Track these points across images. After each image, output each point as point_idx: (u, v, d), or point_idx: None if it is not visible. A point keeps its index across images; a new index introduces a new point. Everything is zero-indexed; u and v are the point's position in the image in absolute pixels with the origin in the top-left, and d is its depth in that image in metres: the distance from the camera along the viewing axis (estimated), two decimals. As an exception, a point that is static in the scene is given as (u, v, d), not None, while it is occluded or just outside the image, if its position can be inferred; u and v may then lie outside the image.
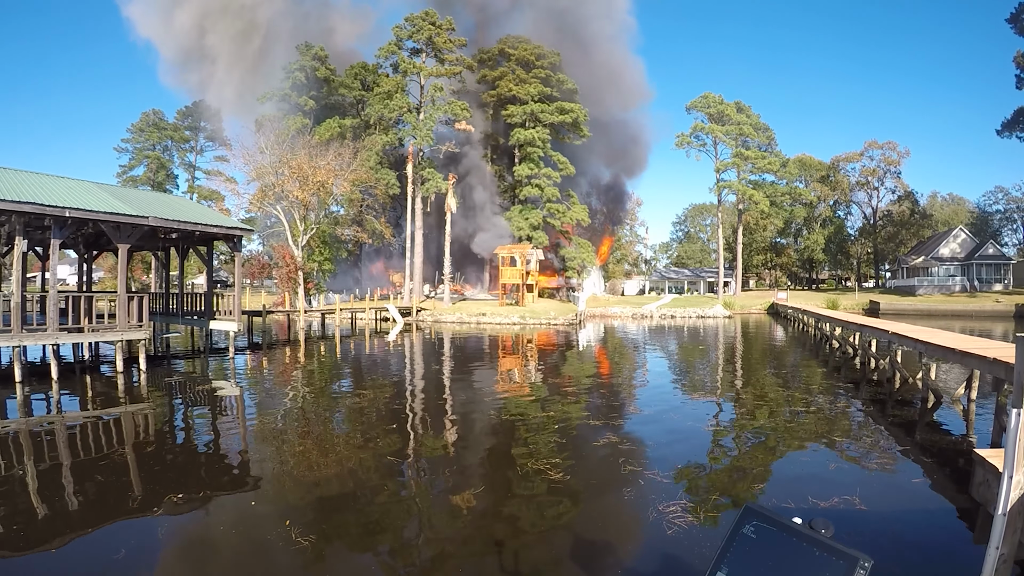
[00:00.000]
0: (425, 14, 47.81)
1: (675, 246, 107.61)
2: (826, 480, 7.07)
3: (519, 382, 15.45)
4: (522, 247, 46.57)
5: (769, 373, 17.26)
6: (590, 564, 5.03)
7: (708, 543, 5.25)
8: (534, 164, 50.12)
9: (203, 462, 8.15)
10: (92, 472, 7.33)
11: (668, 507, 6.09)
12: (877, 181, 72.60)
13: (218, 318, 20.61)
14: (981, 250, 61.26)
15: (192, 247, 22.62)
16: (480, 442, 9.16)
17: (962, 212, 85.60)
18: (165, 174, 66.68)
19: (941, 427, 10.00)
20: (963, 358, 9.87)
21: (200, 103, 69.00)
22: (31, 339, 14.09)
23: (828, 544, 1.16)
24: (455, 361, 20.28)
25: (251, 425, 10.36)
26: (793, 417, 10.65)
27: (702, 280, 77.07)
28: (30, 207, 13.51)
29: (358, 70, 55.67)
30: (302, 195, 39.16)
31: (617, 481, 7.16)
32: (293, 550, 5.03)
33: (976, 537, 5.47)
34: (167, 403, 12.36)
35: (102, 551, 5.07)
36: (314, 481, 7.08)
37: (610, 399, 13.02)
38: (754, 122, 58.64)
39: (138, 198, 20.49)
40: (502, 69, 51.97)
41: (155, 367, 16.79)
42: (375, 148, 47.34)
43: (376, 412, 11.14)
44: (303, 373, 17.06)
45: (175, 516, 5.84)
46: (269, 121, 46.92)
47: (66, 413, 11.04)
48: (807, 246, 78.59)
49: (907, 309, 50.34)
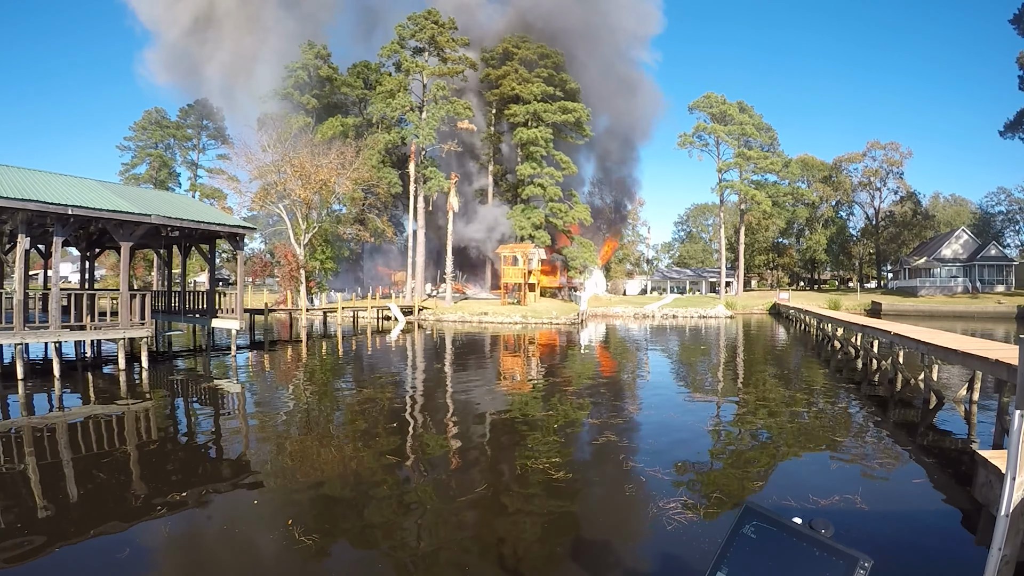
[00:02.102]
0: (428, 13, 47.74)
1: (677, 246, 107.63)
2: (827, 479, 7.06)
3: (521, 381, 15.45)
4: (524, 246, 46.54)
5: (771, 373, 17.25)
6: (591, 560, 5.04)
7: (708, 539, 5.29)
8: (536, 163, 50.09)
9: (205, 460, 8.17)
10: (95, 470, 7.35)
11: (669, 503, 6.15)
12: (879, 181, 72.54)
13: (220, 316, 20.64)
14: (983, 251, 61.15)
15: (194, 245, 22.65)
16: (482, 441, 9.16)
17: (964, 213, 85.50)
18: (167, 172, 66.62)
19: (943, 428, 9.99)
20: (965, 359, 9.85)
21: (202, 101, 69.01)
22: (33, 337, 14.13)
23: (828, 544, 1.16)
24: (457, 360, 20.29)
25: (253, 423, 10.38)
26: (794, 417, 10.64)
27: (704, 280, 77.01)
28: (33, 205, 13.54)
29: (360, 69, 55.70)
30: (304, 194, 39.21)
31: (618, 478, 7.22)
32: (296, 549, 5.03)
33: (978, 538, 5.46)
34: (169, 401, 12.39)
35: (107, 550, 5.08)
36: (316, 480, 7.09)
37: (612, 398, 13.01)
38: (756, 122, 58.53)
39: (140, 196, 20.52)
40: (505, 68, 51.93)
41: (157, 365, 16.82)
42: (377, 147, 47.35)
43: (378, 411, 11.16)
44: (305, 371, 17.08)
45: (178, 515, 5.85)
46: (271, 120, 46.98)
47: (68, 411, 11.07)
48: (809, 246, 78.48)
49: (909, 310, 50.25)
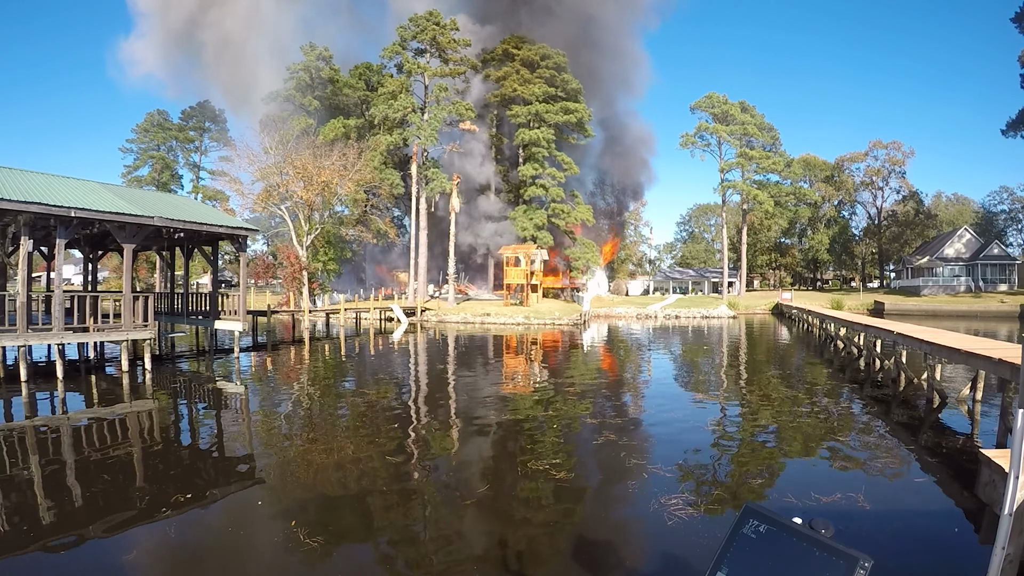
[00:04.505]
0: (429, 14, 47.84)
1: (679, 246, 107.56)
2: (829, 478, 7.06)
3: (523, 382, 15.45)
4: (527, 247, 46.54)
5: (773, 373, 17.22)
6: (593, 554, 5.05)
7: (708, 534, 5.33)
8: (538, 164, 50.10)
9: (209, 461, 8.18)
10: (99, 472, 7.37)
11: (670, 499, 6.20)
12: (882, 181, 72.41)
13: (223, 318, 20.68)
14: (986, 250, 60.98)
15: (197, 247, 22.71)
16: (484, 441, 9.17)
17: (967, 212, 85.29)
18: (170, 174, 66.84)
19: (946, 428, 9.97)
20: (968, 359, 9.83)
21: (205, 103, 69.25)
22: (36, 339, 14.17)
23: (828, 544, 1.17)
24: (459, 361, 20.29)
25: (256, 425, 10.40)
26: (797, 417, 10.62)
27: (706, 280, 76.92)
28: (35, 207, 13.58)
29: (362, 70, 55.81)
30: (306, 195, 39.27)
31: (621, 475, 7.28)
32: (301, 551, 5.04)
33: (982, 537, 5.45)
34: (172, 403, 12.42)
35: (113, 551, 5.09)
36: (319, 481, 7.10)
37: (614, 398, 13.01)
38: (758, 122, 58.46)
39: (143, 198, 20.59)
40: (506, 69, 51.96)
41: (160, 367, 16.85)
42: (379, 148, 47.41)
43: (380, 412, 11.17)
44: (308, 373, 17.11)
45: (183, 516, 5.86)
46: (273, 121, 47.07)
47: (71, 413, 11.10)
48: (811, 246, 78.37)
49: (912, 309, 50.12)
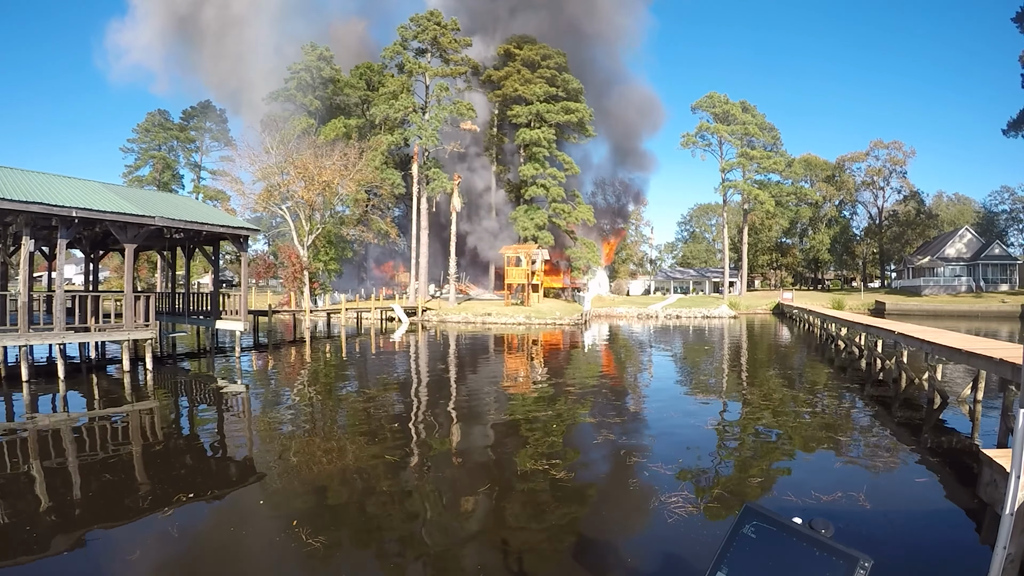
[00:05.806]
0: (430, 14, 47.84)
1: (680, 246, 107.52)
2: (830, 477, 7.06)
3: (524, 381, 15.45)
4: (527, 247, 46.53)
5: (774, 373, 17.21)
6: (593, 552, 5.06)
7: (708, 532, 5.35)
8: (539, 164, 50.08)
9: (210, 461, 8.19)
10: (101, 471, 7.38)
11: (671, 497, 6.23)
12: (883, 181, 72.37)
13: (224, 318, 20.70)
14: (987, 250, 60.91)
15: (198, 247, 22.73)
16: (485, 440, 9.17)
17: (968, 212, 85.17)
18: (171, 174, 66.85)
19: (947, 427, 9.97)
20: (969, 359, 9.83)
21: (205, 103, 69.26)
22: (38, 338, 14.18)
23: (828, 544, 1.17)
24: (460, 361, 20.29)
25: (257, 424, 10.42)
26: (798, 417, 10.62)
27: (707, 280, 76.90)
28: (37, 207, 13.60)
29: (364, 70, 55.77)
30: (308, 195, 39.29)
31: (621, 473, 7.32)
32: (304, 551, 5.04)
33: (983, 537, 5.45)
34: (174, 402, 12.44)
35: (118, 551, 5.10)
36: (320, 481, 7.11)
37: (615, 398, 13.01)
38: (759, 122, 58.40)
39: (144, 198, 20.60)
40: (507, 69, 51.95)
41: (161, 366, 16.87)
42: (380, 148, 47.40)
43: (381, 411, 11.17)
44: (309, 373, 17.12)
45: (185, 516, 5.86)
46: (274, 121, 47.07)
47: (73, 413, 11.11)
48: (812, 246, 78.30)
49: (913, 309, 50.08)
